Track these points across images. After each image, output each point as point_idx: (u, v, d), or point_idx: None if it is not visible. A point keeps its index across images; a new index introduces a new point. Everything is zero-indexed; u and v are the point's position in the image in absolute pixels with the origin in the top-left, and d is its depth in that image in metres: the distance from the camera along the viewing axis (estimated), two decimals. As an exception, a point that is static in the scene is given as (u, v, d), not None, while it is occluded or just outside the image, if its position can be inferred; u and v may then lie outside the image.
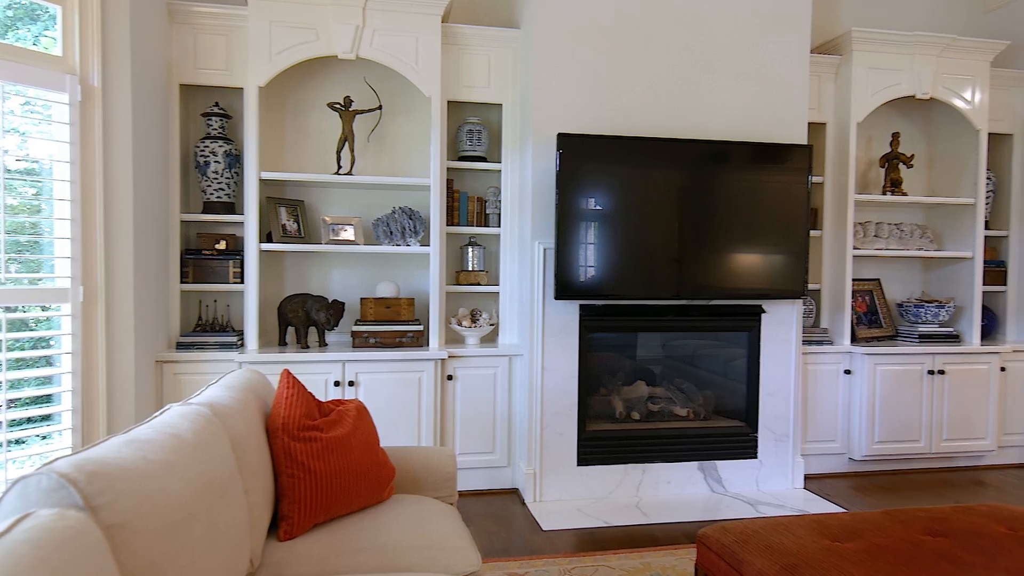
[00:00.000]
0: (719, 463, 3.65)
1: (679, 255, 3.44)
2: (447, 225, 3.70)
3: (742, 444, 3.68)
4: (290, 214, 3.57)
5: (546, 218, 3.45)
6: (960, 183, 4.24)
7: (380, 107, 3.60)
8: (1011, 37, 4.38)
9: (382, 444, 3.27)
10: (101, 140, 2.79)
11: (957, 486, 3.87)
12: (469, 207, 3.78)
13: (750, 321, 3.67)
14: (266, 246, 3.42)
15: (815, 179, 4.08)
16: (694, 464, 3.62)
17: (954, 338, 4.17)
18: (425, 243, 3.64)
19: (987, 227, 4.36)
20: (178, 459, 1.18)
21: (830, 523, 1.96)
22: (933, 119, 4.43)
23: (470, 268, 3.80)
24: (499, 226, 3.76)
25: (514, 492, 3.60)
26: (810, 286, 4.12)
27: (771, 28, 3.62)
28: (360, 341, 3.45)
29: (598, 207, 3.34)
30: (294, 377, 1.82)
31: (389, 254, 3.77)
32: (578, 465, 3.49)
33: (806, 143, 3.60)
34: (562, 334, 3.45)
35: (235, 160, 3.49)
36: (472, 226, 3.77)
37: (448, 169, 3.72)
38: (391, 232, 3.59)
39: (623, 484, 3.53)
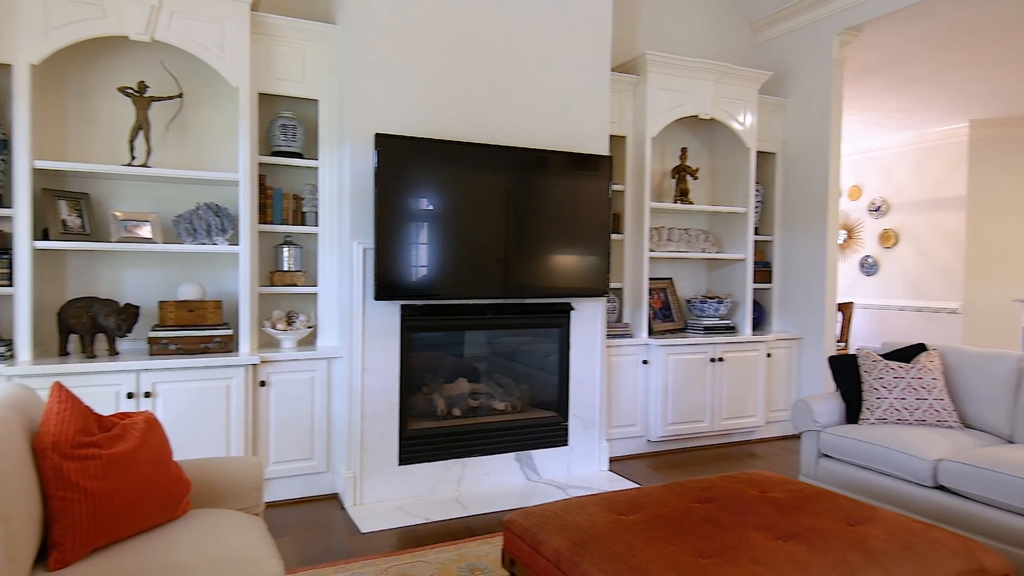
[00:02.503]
0: (534, 452, 3.87)
1: (499, 256, 3.59)
2: (259, 223, 3.53)
3: (555, 433, 3.93)
4: (72, 208, 3.20)
5: (366, 218, 3.42)
6: (735, 194, 4.88)
7: (181, 95, 3.34)
8: (773, 68, 5.11)
9: (186, 457, 3.04)
10: None
11: (734, 458, 4.45)
12: (284, 205, 3.64)
13: (561, 318, 3.93)
14: (42, 244, 3.03)
15: (617, 187, 4.46)
16: (511, 455, 3.80)
17: (731, 329, 4.79)
18: (234, 242, 3.44)
19: (756, 232, 5.06)
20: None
21: (618, 499, 2.18)
22: (715, 137, 5.04)
23: (286, 268, 3.66)
24: (317, 225, 3.67)
25: (334, 497, 3.53)
26: (614, 285, 4.50)
27: (576, 47, 3.90)
28: (159, 348, 3.19)
29: (419, 208, 3.39)
30: (67, 390, 1.65)
31: (193, 253, 3.52)
32: (400, 465, 3.51)
33: (608, 154, 3.93)
34: (383, 335, 3.45)
35: (2, 146, 3.05)
36: (287, 224, 3.64)
37: (261, 164, 3.55)
38: (195, 230, 3.35)
39: (444, 480, 3.61)
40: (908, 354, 3.41)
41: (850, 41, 4.70)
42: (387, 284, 3.33)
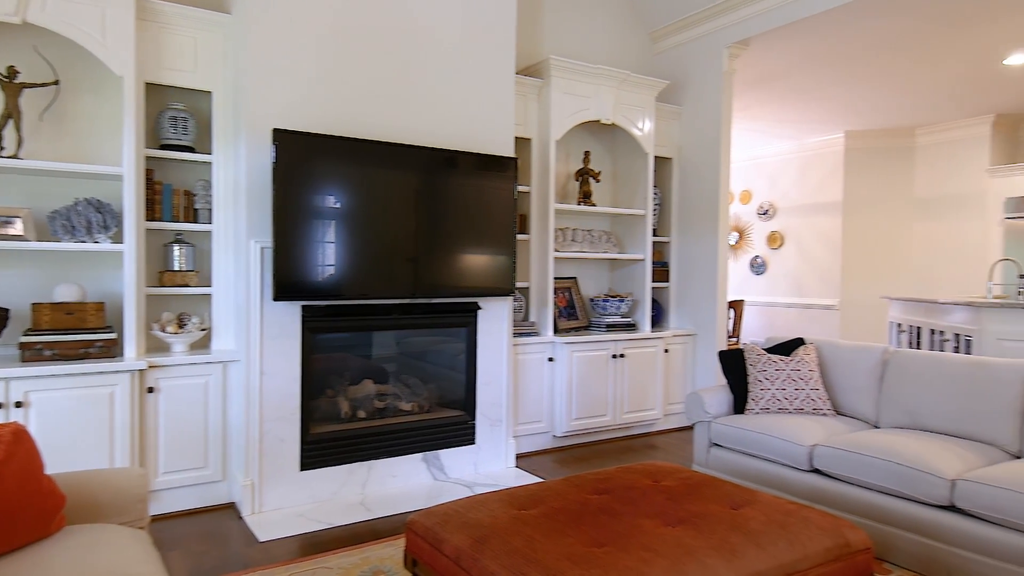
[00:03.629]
0: (442, 452, 3.87)
1: (406, 255, 3.56)
2: (147, 220, 3.33)
3: (462, 432, 3.95)
4: (-74, 202, 2.90)
5: (263, 216, 3.31)
6: (635, 197, 5.07)
7: (57, 82, 3.11)
8: (670, 77, 5.35)
9: (63, 470, 2.83)
10: None
11: (635, 450, 4.63)
12: (174, 201, 3.45)
13: (468, 317, 3.95)
14: None
15: (523, 188, 4.54)
16: (419, 456, 3.79)
17: (632, 326, 4.98)
18: (118, 240, 3.23)
19: (655, 234, 5.29)
20: None
21: (520, 494, 2.23)
22: (616, 141, 5.23)
23: (177, 268, 3.47)
24: (211, 222, 3.50)
25: (231, 507, 3.40)
26: (520, 284, 4.58)
27: (481, 48, 3.93)
28: (32, 354, 2.95)
29: (321, 206, 3.31)
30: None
31: (71, 252, 3.28)
32: (302, 470, 3.42)
33: (514, 156, 3.99)
34: (283, 336, 3.35)
35: None
36: (178, 222, 3.46)
37: (149, 158, 3.36)
38: (73, 227, 3.12)
39: (348, 484, 3.55)
40: (788, 348, 3.67)
41: (738, 54, 5.00)
42: (287, 284, 3.23)
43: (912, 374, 3.22)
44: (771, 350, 3.69)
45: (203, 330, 3.46)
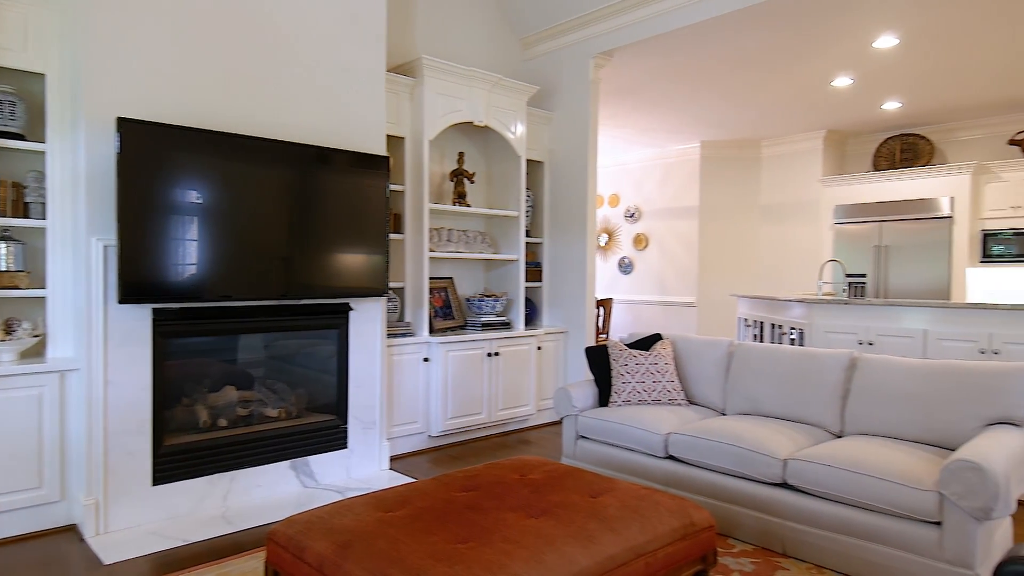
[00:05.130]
0: (312, 458, 3.75)
1: (273, 255, 3.41)
2: (-36, 215, 2.97)
3: (333, 436, 3.85)
4: None
5: (107, 211, 3.05)
6: (509, 199, 5.19)
7: None
8: (541, 83, 5.52)
9: None
10: None
11: (509, 446, 4.73)
12: (0, 194, 3.10)
13: (340, 319, 3.86)
14: None
15: (397, 188, 4.50)
16: (286, 463, 3.65)
17: (507, 325, 5.08)
18: (-72, 237, 2.85)
19: (528, 235, 5.43)
20: None
21: (387, 497, 2.22)
22: (490, 143, 5.31)
23: (3, 268, 3.12)
24: (45, 218, 3.18)
25: (71, 529, 3.10)
26: (395, 284, 4.53)
27: (351, 42, 3.86)
28: None
29: (173, 201, 3.10)
30: None
31: None
32: (154, 485, 3.19)
33: (386, 154, 3.95)
34: (131, 342, 3.10)
35: None
36: (6, 217, 3.10)
37: (-35, 145, 2.99)
38: None
39: (209, 497, 3.35)
40: (648, 343, 3.91)
41: (603, 65, 5.25)
42: (134, 285, 3.00)
43: (752, 365, 3.55)
44: (632, 345, 3.91)
45: (36, 336, 3.13)
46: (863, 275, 7.25)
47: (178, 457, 3.27)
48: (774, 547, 2.87)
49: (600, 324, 7.42)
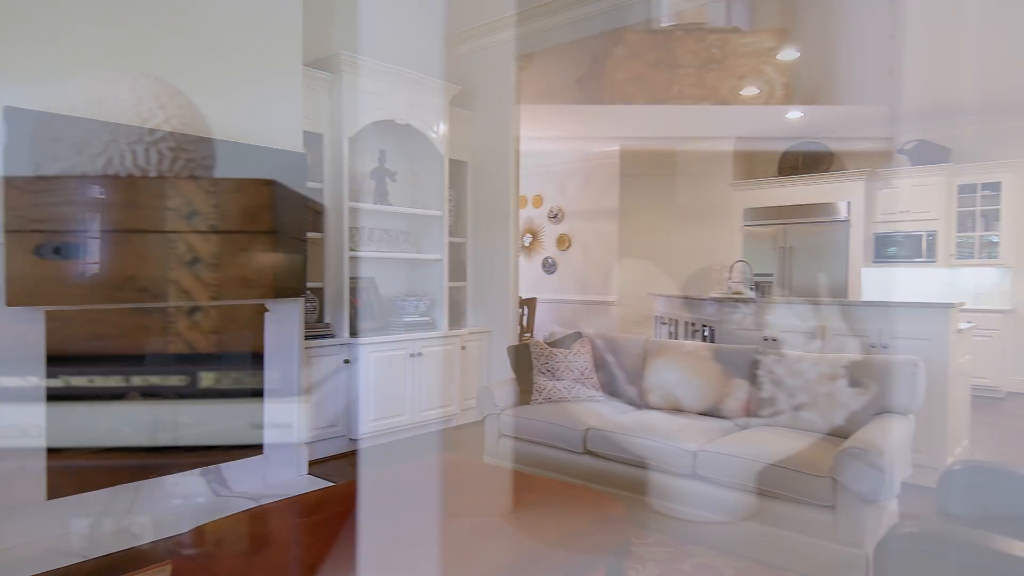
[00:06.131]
0: (223, 466, 3.61)
1: (182, 255, 3.26)
2: None
3: (247, 443, 3.72)
4: None
5: None
6: (431, 198, 5.16)
7: None
8: (464, 83, 5.52)
9: None
10: None
11: (433, 447, 4.71)
12: None
13: (256, 320, 3.73)
14: None
15: (316, 185, 4.39)
16: (196, 472, 3.50)
17: (430, 325, 5.06)
18: None
19: (451, 235, 5.42)
20: None
21: (302, 502, 2.17)
22: (412, 142, 5.26)
23: None
24: None
25: (-48, 551, 2.86)
26: (314, 284, 4.43)
27: (262, 32, 3.73)
28: None
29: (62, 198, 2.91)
30: None
31: None
32: (49, 499, 2.98)
33: (302, 151, 3.84)
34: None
35: None
36: None
37: None
38: None
39: (112, 509, 3.17)
40: (568, 341, 3.99)
41: (525, 67, 5.31)
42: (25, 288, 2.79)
43: (666, 361, 3.69)
44: (553, 344, 3.98)
45: (-91, 343, 2.86)
46: (770, 274, 7.66)
47: (77, 470, 3.07)
48: (685, 537, 2.99)
49: (524, 323, 7.51)
